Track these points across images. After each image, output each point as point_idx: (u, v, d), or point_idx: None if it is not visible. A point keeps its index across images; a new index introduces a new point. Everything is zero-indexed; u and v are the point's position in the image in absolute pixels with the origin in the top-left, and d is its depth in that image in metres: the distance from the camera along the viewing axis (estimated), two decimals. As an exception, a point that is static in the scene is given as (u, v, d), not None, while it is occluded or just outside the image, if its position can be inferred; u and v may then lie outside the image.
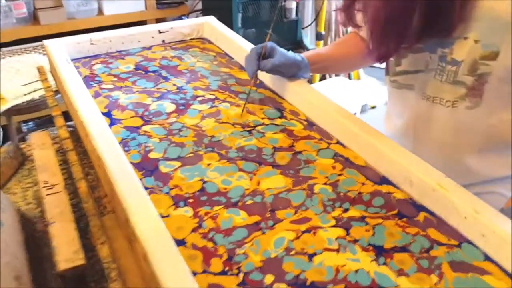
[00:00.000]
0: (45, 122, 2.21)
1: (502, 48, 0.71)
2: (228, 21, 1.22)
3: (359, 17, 0.82)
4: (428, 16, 0.71)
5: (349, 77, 2.96)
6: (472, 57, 0.73)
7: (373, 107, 2.92)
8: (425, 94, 0.82)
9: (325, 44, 2.84)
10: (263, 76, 1.01)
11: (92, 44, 1.10)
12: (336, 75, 2.90)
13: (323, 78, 2.86)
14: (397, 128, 0.92)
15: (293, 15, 2.33)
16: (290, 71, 0.90)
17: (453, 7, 0.69)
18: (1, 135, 2.01)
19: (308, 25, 2.71)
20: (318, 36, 2.76)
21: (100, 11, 2.08)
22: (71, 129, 0.95)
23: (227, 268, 0.57)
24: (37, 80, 1.54)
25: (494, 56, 0.72)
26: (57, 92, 1.14)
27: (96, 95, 0.94)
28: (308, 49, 2.39)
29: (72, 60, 1.03)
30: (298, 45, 2.39)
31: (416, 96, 0.84)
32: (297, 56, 0.90)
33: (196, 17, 2.30)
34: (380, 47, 0.77)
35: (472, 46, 0.73)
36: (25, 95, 1.51)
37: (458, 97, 0.78)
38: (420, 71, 0.82)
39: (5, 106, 1.54)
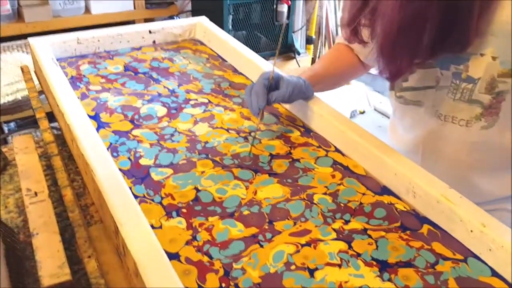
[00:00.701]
0: (27, 123, 2.14)
1: None
2: (218, 23, 1.18)
3: (365, 33, 0.77)
4: (443, 29, 0.66)
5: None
6: (490, 75, 0.70)
7: (362, 113, 2.91)
8: (438, 112, 0.78)
9: (315, 48, 2.83)
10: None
11: (79, 43, 1.05)
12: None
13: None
14: (404, 142, 0.88)
15: (284, 19, 2.31)
16: (296, 98, 0.82)
17: (470, 19, 0.65)
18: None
19: (299, 29, 2.69)
20: (309, 40, 2.74)
21: (87, 10, 2.03)
22: (56, 132, 0.91)
23: (223, 285, 0.53)
24: (20, 80, 1.48)
25: None
26: (41, 92, 1.09)
27: (83, 96, 0.90)
28: (299, 53, 2.37)
29: (58, 59, 0.99)
30: (289, 49, 2.37)
31: (427, 112, 0.80)
32: (300, 80, 0.82)
33: (186, 17, 2.26)
34: (391, 64, 0.71)
35: (489, 63, 0.69)
36: (7, 95, 1.45)
37: (473, 116, 0.74)
38: (430, 87, 0.78)
39: (-14, 106, 1.48)
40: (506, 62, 0.68)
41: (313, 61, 2.68)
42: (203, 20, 1.19)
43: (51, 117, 0.88)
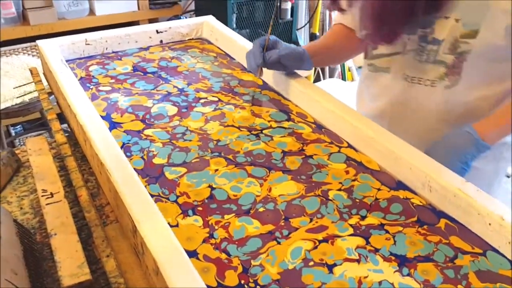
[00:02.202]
0: (33, 126, 2.15)
1: (481, 26, 0.73)
2: (222, 22, 1.18)
3: (343, 2, 0.85)
4: None
5: (343, 79, 2.95)
6: (453, 36, 0.75)
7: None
8: (405, 74, 0.83)
9: (319, 45, 2.81)
10: (266, 76, 0.97)
11: (88, 44, 1.05)
12: (330, 77, 2.88)
13: (317, 80, 2.85)
14: (371, 109, 0.93)
15: (288, 16, 2.31)
16: (294, 65, 0.88)
17: None
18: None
19: (302, 26, 2.68)
20: (312, 37, 2.73)
21: (92, 11, 2.03)
22: (66, 134, 0.91)
23: (243, 281, 0.53)
24: (29, 82, 1.48)
25: (474, 34, 0.74)
26: (49, 94, 1.09)
27: (93, 97, 0.90)
28: (303, 50, 2.37)
29: (66, 61, 0.99)
30: (293, 46, 2.37)
31: (394, 78, 0.86)
32: (299, 48, 0.88)
33: (190, 17, 2.26)
34: (382, 27, 0.76)
35: (453, 25, 0.75)
36: (17, 97, 1.46)
37: (438, 76, 0.79)
38: (397, 53, 0.84)
39: (-7, 109, 1.48)
40: (468, 24, 0.73)
41: (317, 58, 2.67)
42: (210, 19, 1.19)
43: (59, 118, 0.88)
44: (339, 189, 0.68)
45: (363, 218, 0.63)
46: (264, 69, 0.88)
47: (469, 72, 0.77)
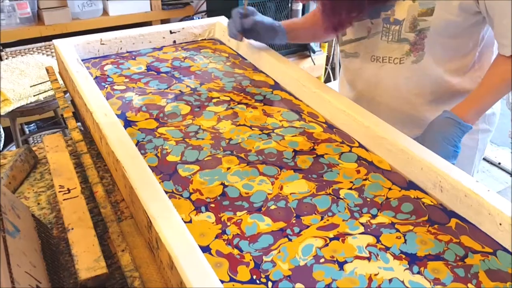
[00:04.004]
0: (47, 124, 2.18)
1: (436, 4, 0.79)
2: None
3: None
4: None
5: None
6: (412, 15, 0.82)
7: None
8: (374, 56, 0.89)
9: (329, 46, 2.82)
10: (277, 76, 0.98)
11: (103, 44, 1.07)
12: (333, 79, 2.87)
13: (327, 80, 2.85)
14: (350, 96, 0.98)
15: (300, 17, 2.31)
16: (268, 34, 0.99)
17: None
18: (2, 137, 1.98)
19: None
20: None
21: (105, 12, 2.06)
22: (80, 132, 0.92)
23: (255, 277, 0.55)
24: (45, 81, 1.51)
25: (430, 12, 0.80)
26: (64, 93, 1.11)
27: (108, 96, 0.92)
28: (314, 51, 2.37)
29: (82, 60, 1.01)
30: (304, 47, 2.37)
31: (362, 61, 0.92)
32: (275, 22, 1.00)
33: (202, 18, 2.28)
34: (332, 17, 0.86)
35: (410, 5, 0.82)
36: (34, 95, 1.48)
37: (404, 53, 0.86)
38: (363, 38, 0.90)
39: (9, 108, 1.51)
40: (424, 3, 0.80)
41: (327, 58, 2.68)
42: (222, 20, 1.20)
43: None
44: (350, 188, 0.69)
45: (374, 216, 0.64)
46: (273, 69, 0.92)
47: (432, 48, 0.83)
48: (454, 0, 0.78)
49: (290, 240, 0.60)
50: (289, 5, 2.19)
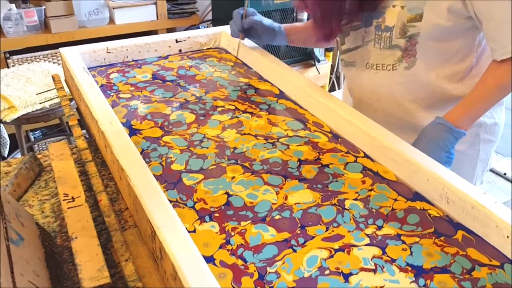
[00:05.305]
0: (52, 132, 2.19)
1: (425, 9, 0.80)
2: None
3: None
4: None
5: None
6: (401, 21, 0.83)
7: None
8: (368, 64, 0.91)
9: (334, 55, 2.83)
10: (283, 85, 0.99)
11: (109, 52, 1.08)
12: (338, 88, 2.87)
13: (332, 89, 2.85)
14: (351, 103, 0.99)
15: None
16: (267, 35, 1.03)
17: None
18: (8, 144, 1.99)
19: (318, 36, 2.69)
20: (328, 48, 2.74)
21: (111, 20, 2.08)
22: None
23: (259, 288, 0.54)
24: (51, 89, 1.52)
25: (419, 18, 0.81)
26: (70, 100, 1.11)
27: (114, 104, 0.92)
28: (319, 60, 2.37)
29: (88, 68, 1.01)
30: (309, 56, 2.37)
31: (358, 70, 0.94)
32: (275, 24, 1.03)
33: (207, 27, 2.29)
34: (322, 27, 0.89)
35: (399, 12, 0.83)
36: (40, 103, 1.49)
37: (396, 60, 0.87)
38: (358, 47, 0.92)
39: (15, 115, 1.52)
40: (412, 9, 0.81)
41: (332, 68, 2.68)
42: (228, 29, 1.20)
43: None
44: (355, 199, 0.68)
45: (379, 228, 0.63)
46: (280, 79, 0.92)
47: (423, 53, 0.84)
48: (443, 2, 0.78)
49: (294, 251, 0.59)
50: (294, 14, 2.19)
